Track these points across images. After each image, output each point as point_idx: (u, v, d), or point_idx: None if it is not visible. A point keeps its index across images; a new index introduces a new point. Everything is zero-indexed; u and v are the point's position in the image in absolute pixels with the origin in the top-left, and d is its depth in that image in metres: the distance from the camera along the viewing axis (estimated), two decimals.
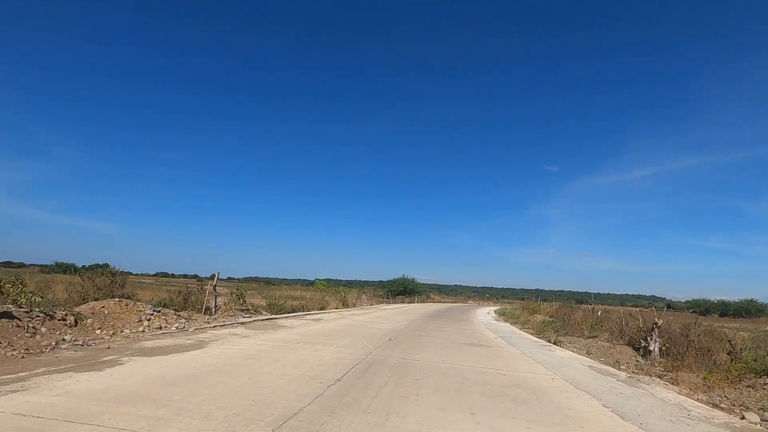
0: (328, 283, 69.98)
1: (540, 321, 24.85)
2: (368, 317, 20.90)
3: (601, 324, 18.30)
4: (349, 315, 21.44)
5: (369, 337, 12.18)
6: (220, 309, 14.69)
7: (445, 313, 31.29)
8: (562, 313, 25.63)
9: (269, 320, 15.14)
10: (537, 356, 10.88)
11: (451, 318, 25.40)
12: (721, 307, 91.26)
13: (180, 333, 10.24)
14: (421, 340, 12.58)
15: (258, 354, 8.03)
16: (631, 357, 13.70)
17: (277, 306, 18.56)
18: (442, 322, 20.87)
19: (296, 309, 21.26)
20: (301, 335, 11.51)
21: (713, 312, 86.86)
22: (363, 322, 17.70)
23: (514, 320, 26.39)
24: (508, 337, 16.24)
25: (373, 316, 21.64)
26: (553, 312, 28.00)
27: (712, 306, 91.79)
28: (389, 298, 49.62)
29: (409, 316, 24.34)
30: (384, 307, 34.72)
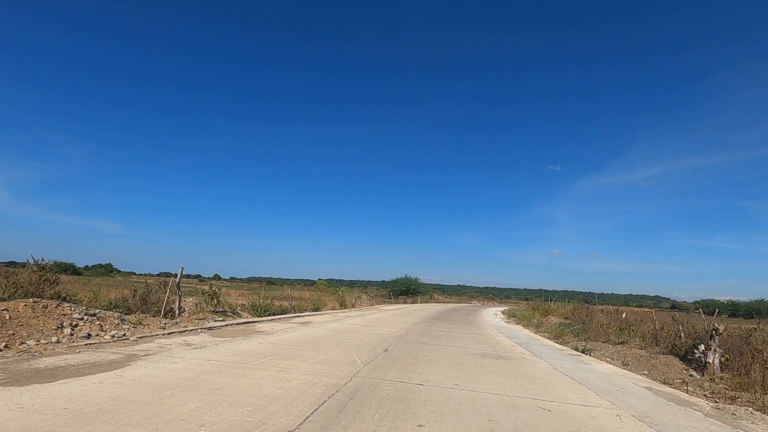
0: (331, 283, 67.65)
1: (555, 323, 22.28)
2: (366, 320, 18.40)
3: (632, 328, 15.71)
4: (344, 317, 18.94)
5: (361, 346, 9.69)
6: (186, 311, 12.23)
7: (450, 314, 28.73)
8: (580, 314, 23.04)
9: (246, 324, 12.69)
10: (575, 373, 8.34)
11: (457, 320, 22.87)
12: (731, 307, 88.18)
13: (113, 344, 7.79)
14: (426, 349, 10.08)
15: (195, 378, 5.55)
16: (681, 370, 11.13)
17: (262, 307, 16.10)
18: (448, 326, 18.36)
19: (286, 310, 18.79)
20: (275, 345, 9.02)
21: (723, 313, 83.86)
22: (358, 326, 15.21)
23: (526, 322, 23.81)
24: (527, 343, 13.70)
25: (371, 319, 19.15)
26: (568, 313, 25.41)
27: (721, 306, 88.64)
28: (391, 299, 47.07)
29: (412, 318, 21.82)
30: (385, 308, 32.19)
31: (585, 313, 23.10)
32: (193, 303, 13.15)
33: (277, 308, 18.20)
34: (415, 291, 56.59)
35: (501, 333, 17.00)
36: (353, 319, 18.42)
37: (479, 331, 16.89)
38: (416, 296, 53.85)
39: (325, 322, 15.91)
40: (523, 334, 17.23)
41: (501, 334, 16.35)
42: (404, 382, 6.23)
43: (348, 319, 18.16)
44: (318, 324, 14.77)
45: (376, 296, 52.18)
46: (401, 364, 7.83)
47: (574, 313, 24.42)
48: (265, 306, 16.29)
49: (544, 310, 29.87)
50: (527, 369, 8.46)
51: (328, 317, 18.40)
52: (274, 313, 17.45)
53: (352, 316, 19.81)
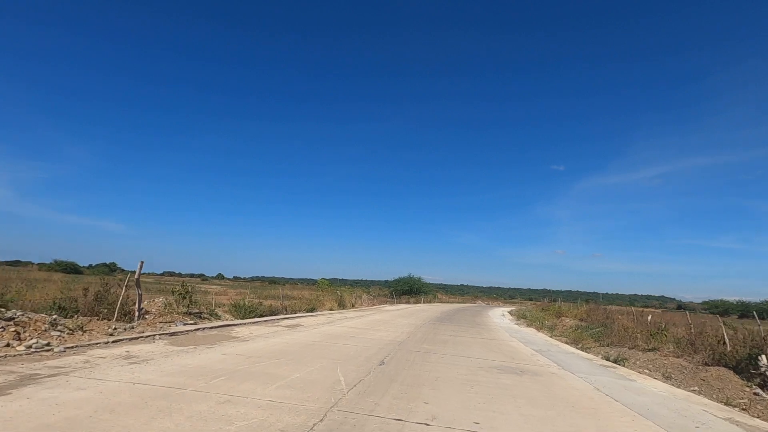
0: (334, 283, 65.70)
1: (571, 326, 20.28)
2: (364, 322, 16.48)
3: (665, 333, 13.69)
4: (340, 319, 17.02)
5: (352, 358, 7.77)
6: (151, 313, 10.34)
7: (455, 315, 26.75)
8: (597, 316, 21.01)
9: (222, 328, 10.79)
10: (625, 396, 6.37)
11: (464, 322, 20.91)
12: (741, 307, 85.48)
13: (25, 357, 5.91)
14: (431, 361, 8.14)
15: (85, 419, 3.65)
16: (741, 387, 9.11)
17: (246, 307, 14.20)
18: (455, 329, 16.40)
19: (276, 311, 16.89)
20: (242, 357, 7.10)
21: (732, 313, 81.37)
22: (354, 329, 13.29)
23: (538, 325, 21.80)
24: (547, 351, 11.73)
25: (369, 321, 17.22)
26: (582, 315, 23.38)
27: (731, 307, 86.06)
28: (393, 298, 45.12)
29: (414, 319, 19.87)
30: (386, 308, 30.25)
31: (603, 315, 21.07)
32: (164, 303, 11.27)
33: (265, 309, 16.30)
34: (418, 291, 54.60)
35: (514, 337, 15.03)
36: (350, 321, 16.49)
37: (490, 336, 14.92)
38: (419, 296, 51.87)
39: (317, 324, 13.99)
40: (539, 339, 15.25)
41: (514, 339, 14.38)
42: (402, 420, 4.29)
43: (344, 321, 16.24)
44: (307, 327, 12.85)
45: (378, 296, 50.26)
46: (399, 386, 5.88)
47: (590, 314, 22.39)
48: (251, 306, 14.39)
49: (555, 311, 27.84)
50: (563, 391, 6.49)
51: (322, 319, 16.48)
52: (262, 314, 15.56)
53: (349, 318, 17.90)
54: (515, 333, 16.92)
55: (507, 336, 15.39)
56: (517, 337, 15.29)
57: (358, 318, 18.41)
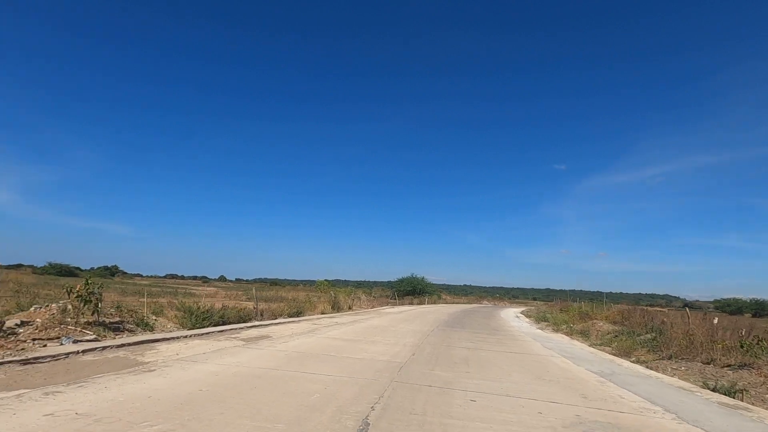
0: (337, 284, 61.94)
1: (607, 331, 16.53)
2: (356, 329, 12.79)
3: (761, 343, 9.93)
4: (327, 326, 13.34)
5: (310, 412, 4.12)
6: (28, 325, 6.70)
7: (466, 318, 23.00)
8: (638, 318, 17.21)
9: (137, 346, 7.14)
10: None
11: (478, 326, 17.18)
12: (755, 306, 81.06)
13: None
14: (455, 411, 4.46)
15: None
16: None
17: (200, 314, 10.55)
18: (471, 337, 12.67)
19: (247, 316, 13.22)
20: (72, 424, 3.46)
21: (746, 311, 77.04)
22: (339, 342, 9.61)
23: (566, 329, 18.04)
24: (612, 373, 7.98)
25: (364, 328, 13.53)
26: (614, 317, 19.59)
27: (744, 305, 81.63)
28: (395, 299, 41.36)
29: (419, 324, 16.16)
30: (387, 310, 26.52)
31: (642, 317, 17.28)
32: (60, 309, 7.63)
33: (233, 314, 12.64)
34: (421, 291, 50.76)
35: (550, 348, 11.31)
36: (339, 328, 12.80)
37: (520, 347, 11.19)
38: (423, 297, 48.08)
39: (292, 335, 10.31)
40: (584, 352, 11.49)
41: (552, 351, 10.67)
42: None
43: (331, 328, 12.55)
44: (275, 341, 9.17)
45: (380, 297, 46.53)
46: None
47: (627, 316, 18.60)
48: (205, 313, 10.71)
49: (577, 312, 24.05)
50: None
51: (304, 326, 12.81)
52: (227, 321, 11.92)
53: (339, 324, 14.21)
54: (547, 342, 13.18)
55: (540, 347, 11.67)
56: (553, 348, 11.56)
57: (351, 324, 14.72)
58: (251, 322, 12.96)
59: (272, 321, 13.75)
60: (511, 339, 13.31)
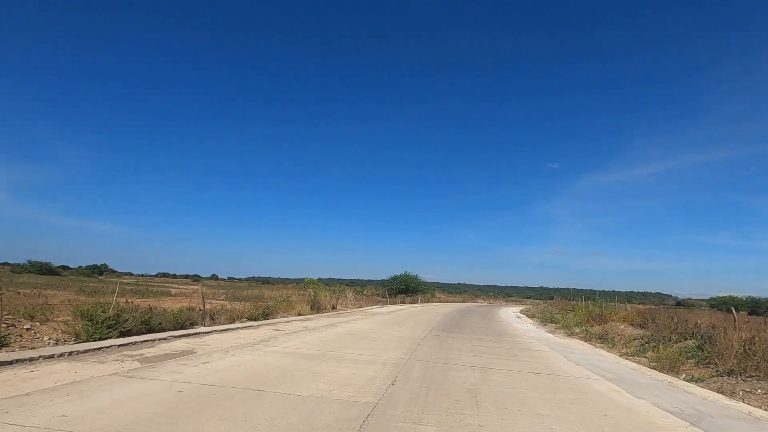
0: (330, 282, 58.81)
1: (632, 336, 13.66)
2: (325, 338, 9.75)
3: None
4: (289, 333, 10.28)
5: None
6: None
7: (463, 319, 20.05)
8: (666, 321, 14.31)
9: None
10: None
11: (479, 330, 14.23)
12: (751, 304, 79.06)
13: None
14: None
15: None
16: None
17: (102, 320, 7.47)
18: (471, 345, 9.68)
19: (185, 322, 10.14)
20: None
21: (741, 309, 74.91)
22: (288, 361, 6.58)
23: (582, 333, 15.13)
24: (695, 414, 5.06)
25: (337, 335, 10.49)
26: (633, 317, 16.74)
27: (740, 303, 79.55)
28: (386, 297, 38.36)
29: (410, 329, 13.15)
30: (376, 310, 23.49)
31: (672, 320, 14.39)
32: None
33: (167, 318, 9.57)
34: (415, 289, 47.78)
35: (578, 363, 8.37)
36: (304, 336, 9.76)
37: (541, 364, 8.20)
38: (416, 295, 45.13)
39: (229, 349, 7.27)
40: (625, 369, 8.52)
41: (583, 368, 7.73)
42: None
43: (294, 336, 9.50)
44: (195, 358, 6.13)
45: (373, 295, 43.48)
46: None
47: (650, 318, 15.73)
48: (110, 319, 7.62)
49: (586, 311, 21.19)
50: None
51: (261, 333, 9.74)
52: (158, 328, 8.87)
53: (308, 330, 11.18)
54: (569, 352, 10.24)
55: (564, 361, 8.71)
56: (582, 362, 8.61)
57: (324, 329, 11.68)
58: (193, 328, 9.91)
59: (221, 326, 10.68)
60: (523, 348, 10.36)
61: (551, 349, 10.61)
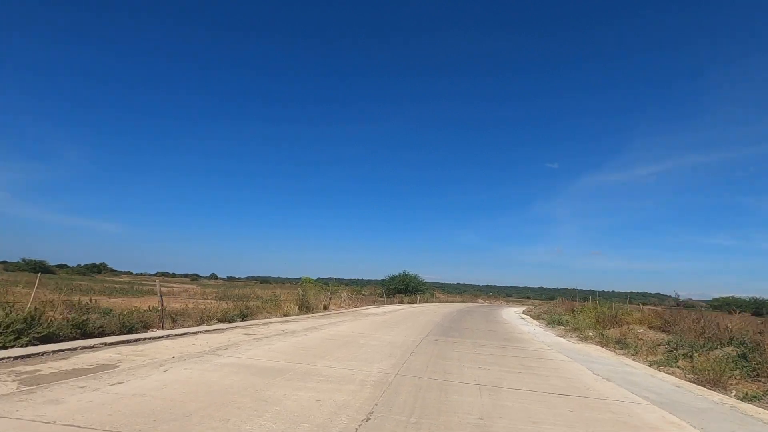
0: (330, 281, 57.04)
1: (654, 341, 11.95)
2: (301, 344, 8.04)
3: None
4: (260, 339, 8.57)
5: None
6: None
7: (464, 321, 18.35)
8: (691, 324, 12.59)
9: None
10: None
11: (481, 333, 12.51)
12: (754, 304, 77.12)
13: None
14: None
15: None
16: None
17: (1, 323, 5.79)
18: (475, 352, 7.95)
19: (139, 325, 8.46)
20: None
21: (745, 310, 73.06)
22: (237, 379, 4.87)
23: (597, 336, 13.40)
24: None
25: (318, 340, 8.78)
26: (653, 320, 15.03)
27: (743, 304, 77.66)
28: (384, 297, 36.65)
29: (403, 332, 11.45)
30: (371, 311, 21.80)
31: (698, 323, 12.67)
32: None
33: (111, 321, 7.91)
34: (414, 289, 46.06)
35: (606, 378, 6.67)
36: (276, 342, 8.06)
37: (563, 379, 6.49)
38: (415, 295, 43.42)
39: (165, 362, 5.58)
40: (666, 386, 6.80)
41: (615, 384, 6.04)
42: None
43: (265, 342, 7.81)
44: (108, 375, 4.44)
45: (371, 295, 41.75)
46: None
47: (671, 320, 14.00)
48: (22, 322, 5.97)
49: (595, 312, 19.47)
50: None
51: (226, 337, 8.06)
52: (90, 333, 7.20)
53: (286, 333, 9.47)
54: (590, 361, 8.53)
55: (589, 375, 7.01)
56: (611, 376, 6.91)
57: (305, 333, 9.98)
58: (144, 333, 8.23)
59: (181, 330, 8.99)
60: (536, 357, 8.65)
61: (569, 358, 8.90)
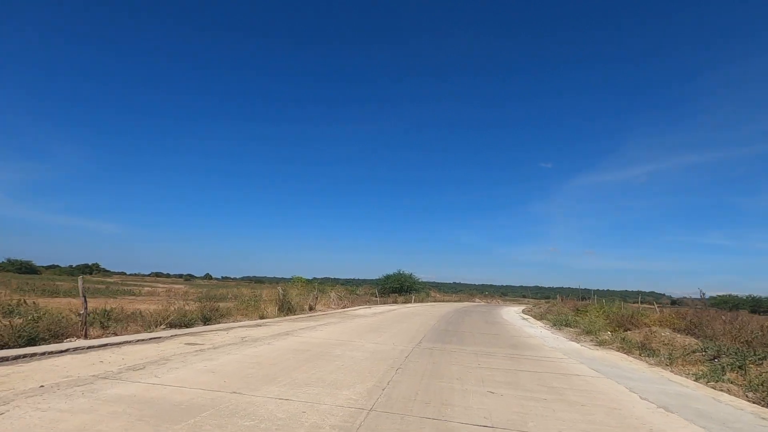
0: (326, 281, 54.99)
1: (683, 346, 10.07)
2: (261, 355, 6.05)
3: None
4: (198, 352, 6.57)
5: None
6: None
7: (462, 322, 16.41)
8: (725, 326, 10.71)
9: None
10: None
11: (483, 338, 10.56)
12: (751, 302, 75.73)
13: None
14: None
15: None
16: None
17: None
18: (479, 366, 6.01)
19: (47, 334, 6.48)
20: None
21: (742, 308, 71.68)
22: None
23: (615, 341, 11.49)
24: None
25: (282, 351, 6.80)
26: (676, 321, 13.16)
27: (741, 302, 76.30)
28: (377, 296, 34.67)
29: (391, 338, 9.48)
30: (360, 312, 19.82)
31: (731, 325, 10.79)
32: None
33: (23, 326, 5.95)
34: (409, 288, 44.14)
35: (657, 402, 4.76)
36: (220, 356, 6.07)
37: (603, 412, 4.54)
38: (410, 294, 41.48)
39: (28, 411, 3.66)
40: (737, 413, 4.90)
41: (671, 412, 4.17)
42: None
43: (202, 356, 5.82)
44: None
45: (366, 294, 39.75)
46: None
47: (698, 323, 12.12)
48: None
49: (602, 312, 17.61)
50: None
51: (162, 349, 6.08)
52: None
53: (242, 343, 7.48)
54: (624, 378, 6.61)
55: (639, 403, 5.08)
56: (669, 405, 4.99)
57: (269, 341, 8.00)
58: (58, 343, 6.24)
59: (105, 340, 6.98)
60: (555, 371, 6.71)
61: (596, 372, 6.98)
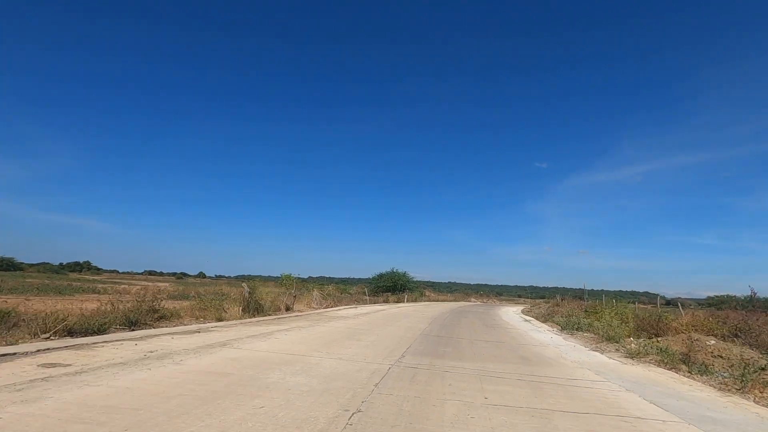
0: (320, 280, 52.78)
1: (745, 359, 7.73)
2: (131, 391, 3.52)
3: None
4: (50, 379, 4.16)
5: None
6: None
7: (458, 325, 14.00)
8: None
9: None
10: None
11: (486, 348, 8.16)
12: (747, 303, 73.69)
13: None
14: None
15: None
16: None
17: None
18: (494, 410, 3.64)
19: None
20: None
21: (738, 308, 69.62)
22: None
23: (651, 351, 9.09)
24: None
25: (181, 380, 4.26)
26: (715, 326, 10.85)
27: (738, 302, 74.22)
28: (367, 296, 32.20)
29: (370, 348, 7.02)
30: (343, 312, 17.35)
31: None
32: None
33: None
34: (403, 288, 41.77)
35: None
36: (59, 392, 3.58)
37: None
38: (403, 293, 39.07)
39: None
40: None
41: None
42: None
43: (26, 394, 3.42)
44: None
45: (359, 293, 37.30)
46: None
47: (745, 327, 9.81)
48: None
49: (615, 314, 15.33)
50: None
51: None
52: None
53: (144, 360, 5.02)
54: (712, 424, 4.25)
55: None
56: None
57: (178, 361, 5.53)
58: None
59: None
60: (599, 408, 4.30)
61: (657, 407, 4.57)
